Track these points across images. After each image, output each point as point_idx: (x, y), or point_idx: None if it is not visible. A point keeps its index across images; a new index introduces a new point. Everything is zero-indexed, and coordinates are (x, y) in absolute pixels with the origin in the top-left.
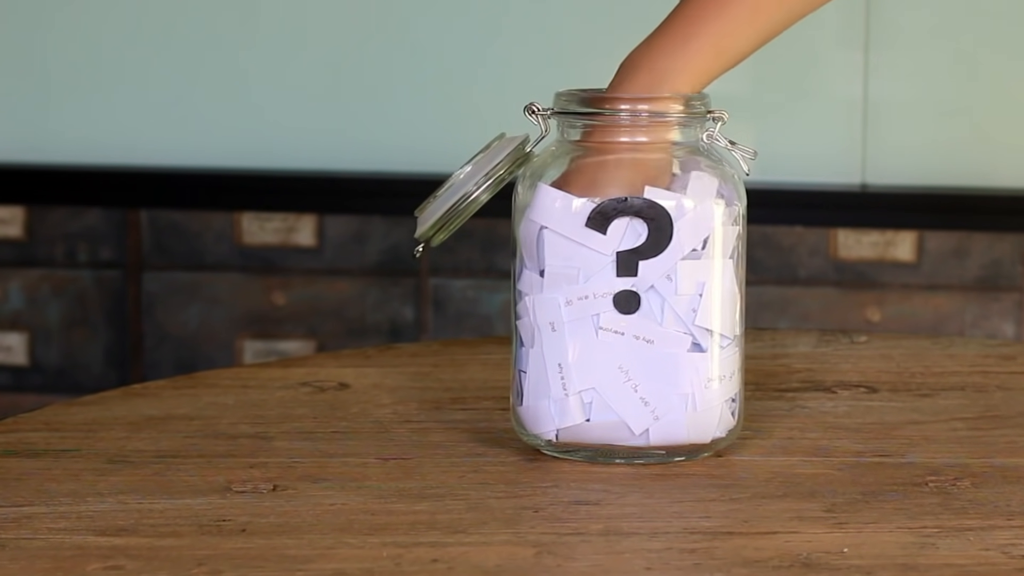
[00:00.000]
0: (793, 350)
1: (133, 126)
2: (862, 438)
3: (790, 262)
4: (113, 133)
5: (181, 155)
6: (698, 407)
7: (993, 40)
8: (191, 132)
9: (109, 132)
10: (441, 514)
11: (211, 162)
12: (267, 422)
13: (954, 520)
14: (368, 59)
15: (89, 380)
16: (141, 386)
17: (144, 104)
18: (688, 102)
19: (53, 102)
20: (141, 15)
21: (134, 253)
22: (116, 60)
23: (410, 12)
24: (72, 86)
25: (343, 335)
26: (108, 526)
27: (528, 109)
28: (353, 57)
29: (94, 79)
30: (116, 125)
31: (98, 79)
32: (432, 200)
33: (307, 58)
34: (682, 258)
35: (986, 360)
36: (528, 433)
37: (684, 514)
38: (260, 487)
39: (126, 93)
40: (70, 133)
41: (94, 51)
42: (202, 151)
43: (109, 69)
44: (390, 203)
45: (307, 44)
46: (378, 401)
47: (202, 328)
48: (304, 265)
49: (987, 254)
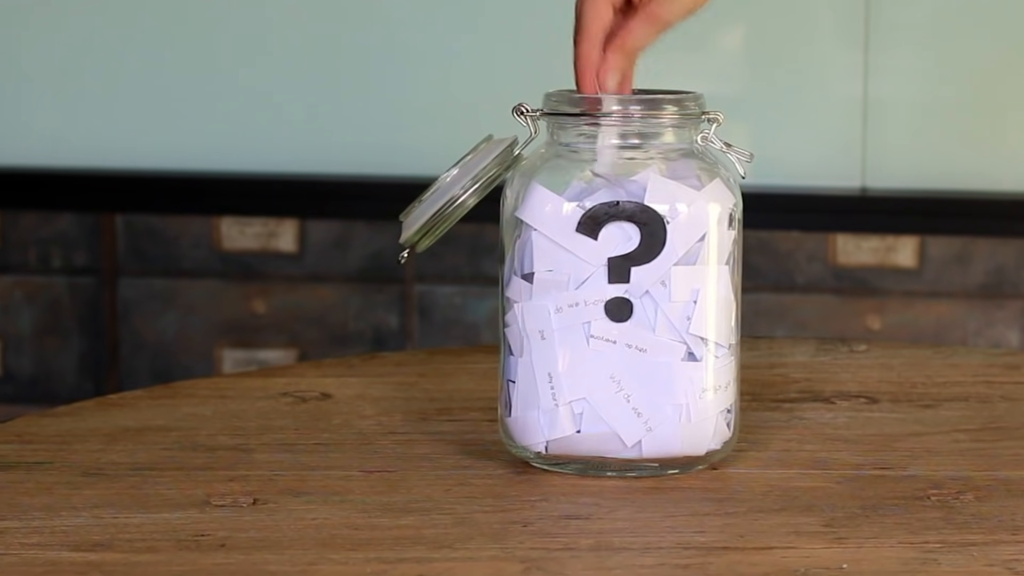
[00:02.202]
0: (791, 359)
1: (108, 127)
2: (862, 450)
3: (787, 268)
4: (87, 134)
5: (158, 157)
6: (692, 418)
7: (998, 39)
8: (168, 133)
9: (83, 133)
10: (427, 529)
11: (189, 165)
12: (247, 434)
13: (957, 535)
14: (350, 58)
15: (63, 390)
16: (117, 396)
17: (120, 105)
18: (682, 103)
19: (24, 102)
20: (116, 14)
21: (109, 259)
22: (90, 59)
23: (394, 8)
24: (45, 86)
25: (325, 343)
26: (83, 541)
27: (517, 110)
28: (335, 56)
29: (67, 79)
30: (91, 126)
31: (72, 79)
32: (417, 204)
33: (288, 57)
34: (676, 264)
35: (990, 370)
36: (517, 445)
37: (678, 529)
38: (240, 501)
39: (100, 93)
40: (42, 134)
41: (68, 50)
42: (180, 153)
43: (83, 68)
44: (374, 207)
45: (288, 43)
46: (362, 412)
47: (180, 336)
48: (285, 271)
49: (991, 260)
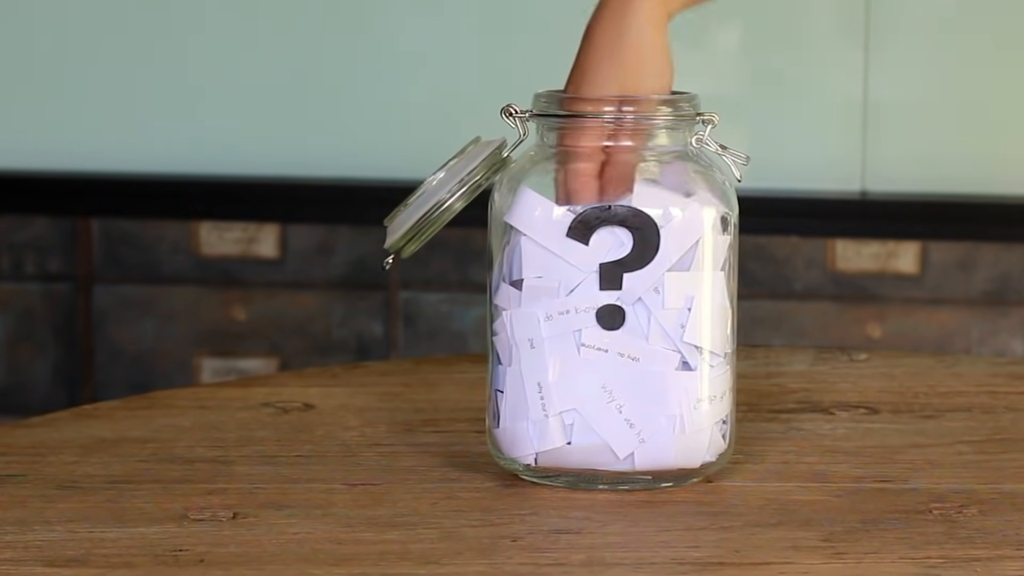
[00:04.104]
0: (788, 368)
1: (84, 129)
2: (862, 462)
3: (785, 274)
4: (62, 136)
5: (135, 160)
6: (687, 429)
7: (1001, 38)
8: (146, 136)
9: (58, 135)
10: (412, 544)
11: (167, 168)
12: (226, 445)
13: (960, 550)
14: (334, 57)
15: (36, 400)
16: (92, 407)
17: (96, 106)
18: (676, 104)
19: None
20: (90, 13)
21: (84, 265)
22: (66, 59)
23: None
24: (17, 86)
25: (307, 352)
26: (57, 556)
27: (505, 111)
28: (318, 55)
29: (41, 78)
30: (65, 128)
31: (45, 79)
32: (403, 208)
33: (268, 57)
34: (669, 270)
35: (994, 379)
36: (505, 457)
37: (671, 544)
38: (219, 515)
39: (76, 94)
40: (15, 136)
41: (43, 50)
42: (157, 156)
43: (57, 68)
44: (358, 212)
45: (268, 42)
46: (345, 423)
47: (157, 345)
48: (266, 278)
49: (995, 266)
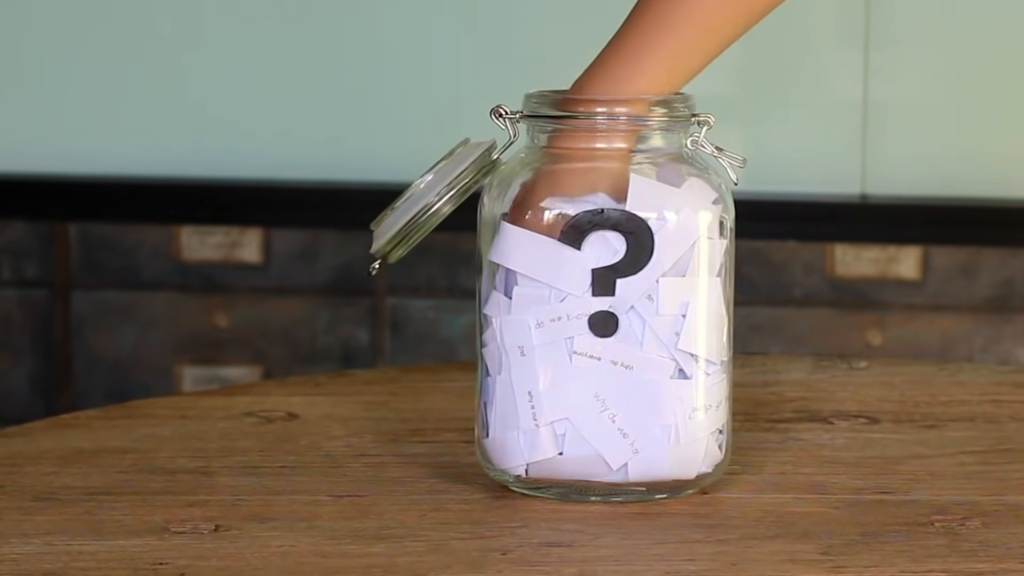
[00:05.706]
0: (786, 377)
1: (61, 131)
2: (861, 473)
3: (783, 280)
4: (39, 138)
5: (114, 163)
6: (682, 439)
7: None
8: (126, 137)
9: (34, 137)
10: (400, 557)
11: (147, 170)
12: (208, 456)
13: (963, 563)
14: (318, 57)
15: (12, 410)
16: (70, 416)
17: (73, 107)
18: (670, 105)
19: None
20: (69, 12)
21: (62, 270)
22: (41, 60)
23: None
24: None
25: (291, 360)
26: (33, 570)
27: (495, 112)
28: (302, 55)
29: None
30: (42, 130)
31: (19, 79)
32: (389, 212)
33: (252, 57)
34: (664, 276)
35: (998, 388)
36: (495, 468)
37: (666, 557)
38: (200, 527)
39: (52, 94)
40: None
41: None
42: (137, 158)
43: (34, 69)
44: (343, 216)
45: (251, 41)
46: (330, 433)
47: (137, 352)
48: (249, 283)
49: (999, 272)
